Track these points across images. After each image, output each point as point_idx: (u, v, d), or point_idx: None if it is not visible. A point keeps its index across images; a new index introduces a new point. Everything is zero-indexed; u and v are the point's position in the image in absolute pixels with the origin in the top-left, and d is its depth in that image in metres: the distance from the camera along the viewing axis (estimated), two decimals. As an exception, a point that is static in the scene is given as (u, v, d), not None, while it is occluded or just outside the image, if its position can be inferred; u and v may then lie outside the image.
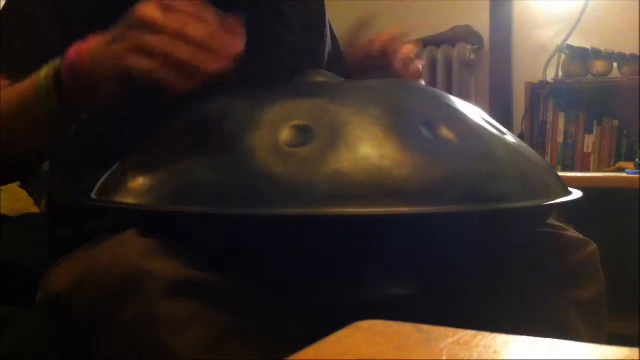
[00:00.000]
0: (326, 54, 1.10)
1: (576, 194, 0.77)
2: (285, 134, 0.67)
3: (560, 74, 2.74)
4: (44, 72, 0.77)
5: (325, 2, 1.17)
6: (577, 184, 2.16)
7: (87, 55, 0.74)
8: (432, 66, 2.98)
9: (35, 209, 1.83)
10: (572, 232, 0.85)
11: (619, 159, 2.66)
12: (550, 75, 2.77)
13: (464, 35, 2.97)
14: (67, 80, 0.75)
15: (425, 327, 0.45)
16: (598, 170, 2.69)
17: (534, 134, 2.79)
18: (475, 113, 0.77)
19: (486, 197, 0.66)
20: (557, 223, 0.85)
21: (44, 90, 0.77)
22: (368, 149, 0.65)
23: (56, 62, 0.77)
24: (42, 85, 0.77)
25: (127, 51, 0.69)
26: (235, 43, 0.69)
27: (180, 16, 0.69)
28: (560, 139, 2.76)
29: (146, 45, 0.68)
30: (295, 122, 0.68)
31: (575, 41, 2.72)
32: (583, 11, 2.71)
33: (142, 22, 0.69)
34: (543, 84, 2.76)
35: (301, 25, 1.03)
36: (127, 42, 0.70)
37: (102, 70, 0.73)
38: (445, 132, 0.69)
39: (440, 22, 2.99)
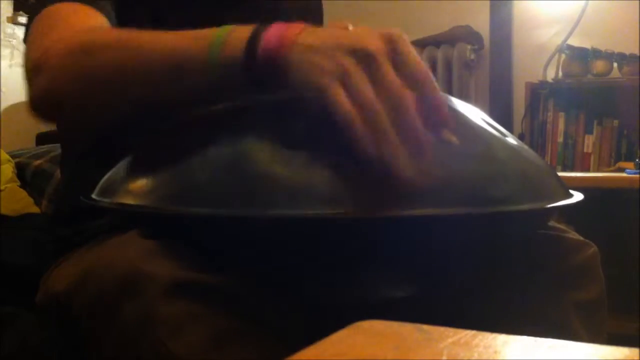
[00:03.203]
0: None
1: (577, 196, 0.77)
2: (287, 135, 0.66)
3: (560, 74, 2.74)
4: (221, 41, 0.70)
5: (324, 2, 1.16)
6: (577, 184, 2.17)
7: (290, 49, 0.66)
8: (432, 66, 2.98)
9: (35, 209, 1.83)
10: (572, 234, 0.85)
11: (619, 159, 2.67)
12: (550, 75, 2.77)
13: (464, 35, 2.97)
14: (261, 65, 0.67)
15: (425, 327, 0.45)
16: (598, 170, 2.69)
17: (534, 134, 2.79)
18: (476, 114, 0.77)
19: (487, 200, 0.66)
20: (558, 225, 0.85)
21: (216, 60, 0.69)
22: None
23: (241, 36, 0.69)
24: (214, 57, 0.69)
25: (338, 83, 0.62)
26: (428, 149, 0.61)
27: (408, 81, 0.62)
28: (560, 139, 2.77)
29: (363, 95, 0.61)
30: (297, 124, 0.68)
31: (575, 41, 2.72)
32: (583, 11, 2.71)
33: (368, 58, 0.61)
34: (543, 84, 2.76)
35: None
36: (346, 75, 0.61)
37: (296, 74, 0.65)
38: (446, 134, 0.69)
39: (440, 22, 2.99)
